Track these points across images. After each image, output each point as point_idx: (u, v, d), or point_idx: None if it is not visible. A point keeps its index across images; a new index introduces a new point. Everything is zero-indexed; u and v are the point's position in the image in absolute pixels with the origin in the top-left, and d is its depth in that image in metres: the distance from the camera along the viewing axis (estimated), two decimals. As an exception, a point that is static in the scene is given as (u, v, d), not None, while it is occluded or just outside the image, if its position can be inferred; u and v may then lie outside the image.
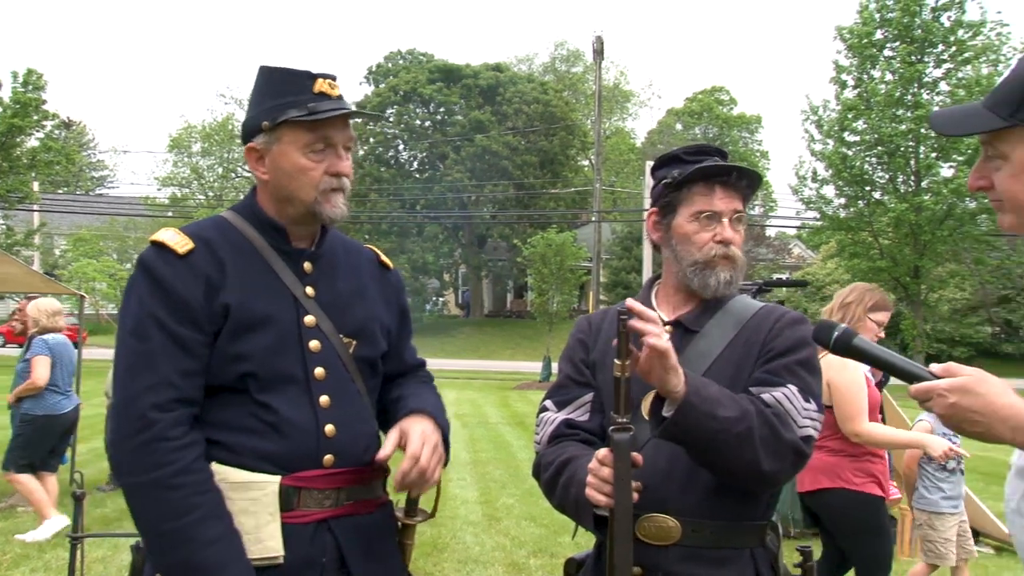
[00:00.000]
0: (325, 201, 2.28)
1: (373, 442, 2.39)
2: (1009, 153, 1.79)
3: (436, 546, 7.37)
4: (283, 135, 2.25)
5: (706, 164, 2.30)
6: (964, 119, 1.91)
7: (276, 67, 2.32)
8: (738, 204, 2.32)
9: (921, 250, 26.92)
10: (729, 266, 2.30)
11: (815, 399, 2.18)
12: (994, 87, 1.84)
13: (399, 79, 46.91)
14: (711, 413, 2.00)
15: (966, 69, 27.10)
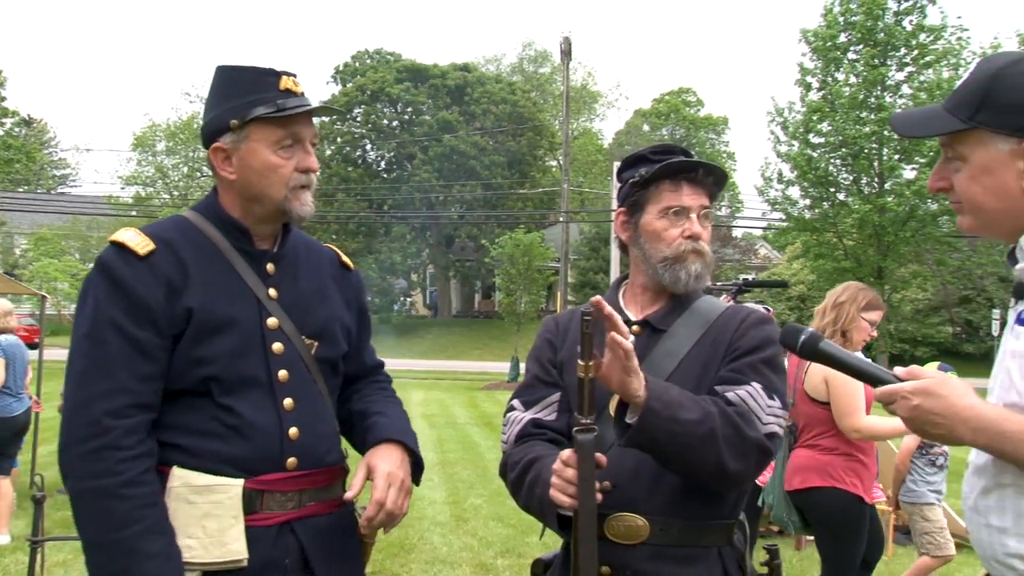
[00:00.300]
0: (295, 199, 2.26)
1: (335, 443, 2.39)
2: (968, 155, 1.83)
3: (403, 547, 7.34)
4: (252, 133, 2.23)
5: (673, 160, 2.32)
6: (924, 121, 1.96)
7: (238, 66, 2.30)
8: (705, 200, 2.34)
9: (884, 251, 27.27)
10: (699, 260, 2.31)
11: (779, 396, 2.20)
12: (954, 90, 1.89)
13: (366, 79, 46.71)
14: (673, 417, 2.01)
15: (927, 72, 27.53)
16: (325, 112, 2.41)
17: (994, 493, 1.79)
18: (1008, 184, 1.78)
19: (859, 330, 4.64)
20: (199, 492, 2.13)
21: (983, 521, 1.82)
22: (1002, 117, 1.76)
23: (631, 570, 2.15)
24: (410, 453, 2.39)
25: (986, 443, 1.72)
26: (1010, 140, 1.76)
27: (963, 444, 1.79)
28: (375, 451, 2.35)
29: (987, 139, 1.79)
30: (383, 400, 2.56)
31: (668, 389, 2.07)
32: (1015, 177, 1.77)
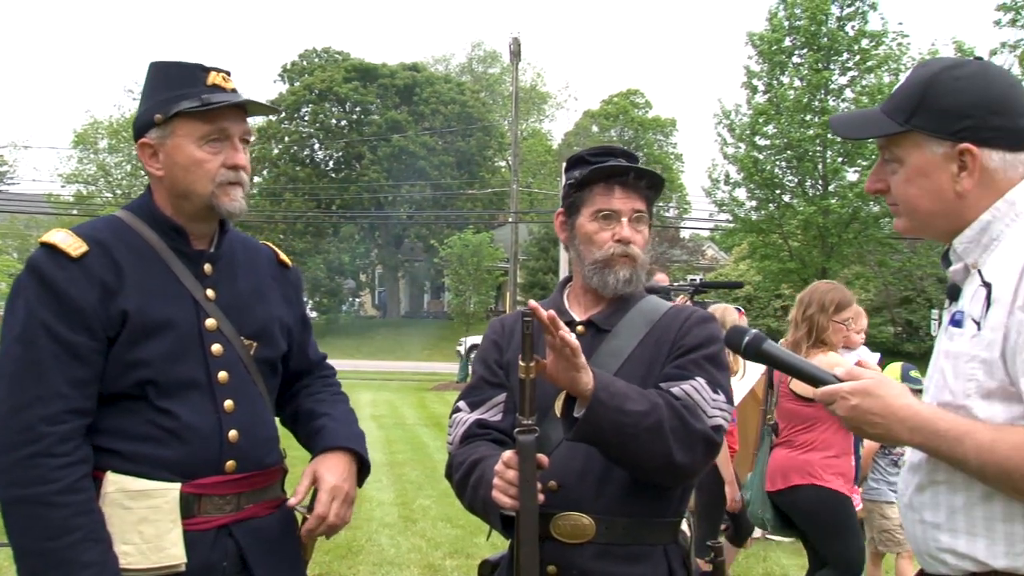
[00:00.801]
0: (223, 194, 2.22)
1: (274, 445, 2.36)
2: (904, 157, 1.86)
3: (351, 549, 7.25)
4: (177, 128, 2.20)
5: (604, 164, 2.32)
6: (863, 123, 2.01)
7: (168, 61, 2.28)
8: (638, 204, 2.33)
9: (828, 252, 27.72)
10: (628, 265, 2.31)
11: (723, 391, 2.22)
12: (891, 93, 1.93)
13: (314, 78, 46.37)
14: (620, 408, 2.02)
15: (869, 77, 28.05)
16: (258, 109, 2.36)
17: (928, 490, 1.83)
18: (942, 186, 1.82)
19: (836, 333, 4.62)
20: (135, 497, 2.10)
21: (917, 517, 1.86)
22: (937, 121, 1.80)
23: (577, 569, 2.16)
24: (357, 457, 2.38)
25: (921, 442, 1.76)
26: (944, 143, 1.80)
27: (900, 443, 1.86)
28: (322, 459, 2.34)
29: (922, 142, 1.82)
30: (330, 399, 2.54)
31: (615, 381, 2.08)
32: (949, 180, 1.81)
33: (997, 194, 1.80)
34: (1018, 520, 1.70)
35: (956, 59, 1.89)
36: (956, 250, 1.86)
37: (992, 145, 1.79)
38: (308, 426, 2.46)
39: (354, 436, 2.42)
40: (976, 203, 1.81)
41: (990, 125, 1.78)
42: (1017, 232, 1.77)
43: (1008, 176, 1.80)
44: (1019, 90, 1.84)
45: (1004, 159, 1.80)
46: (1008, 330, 1.68)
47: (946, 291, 1.94)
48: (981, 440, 1.67)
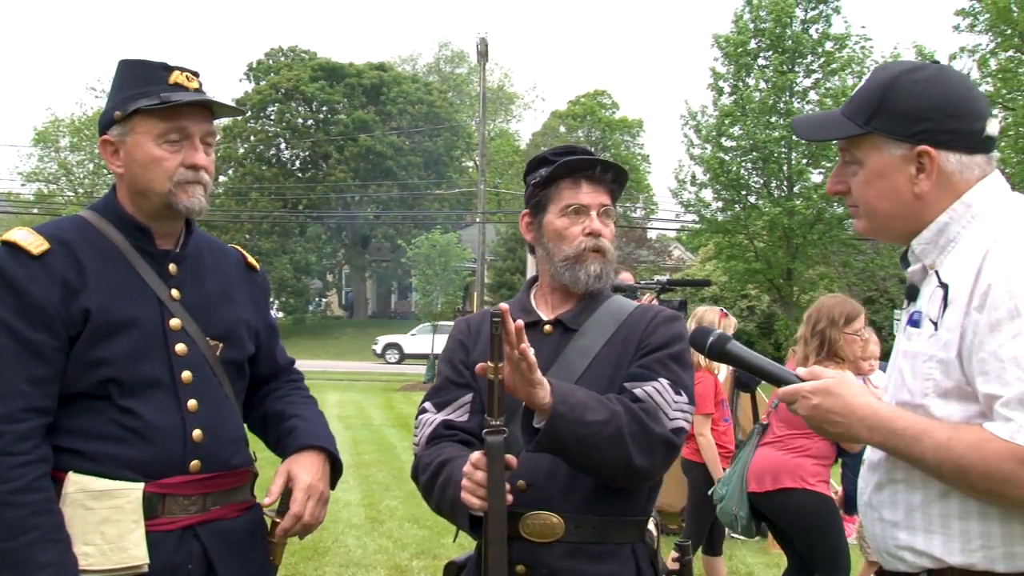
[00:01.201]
0: (181, 192, 2.21)
1: (241, 446, 2.36)
2: (864, 159, 1.89)
3: (317, 550, 7.22)
4: (136, 125, 2.20)
5: (570, 159, 2.34)
6: (823, 125, 2.04)
7: (134, 59, 2.28)
8: (605, 198, 2.36)
9: (793, 253, 27.96)
10: (599, 259, 2.33)
11: (686, 392, 2.23)
12: (851, 96, 1.96)
13: (280, 76, 46.05)
14: (580, 419, 2.03)
15: (834, 79, 28.33)
16: (223, 110, 2.36)
17: (887, 488, 1.86)
18: (901, 188, 1.84)
19: (849, 345, 4.55)
20: (97, 497, 2.08)
21: (876, 515, 1.89)
22: (895, 123, 1.82)
23: (546, 568, 2.16)
24: (330, 458, 2.39)
25: (880, 440, 1.79)
26: (903, 146, 1.83)
27: (859, 442, 1.88)
28: (296, 459, 2.34)
29: (882, 144, 1.85)
30: (300, 401, 2.54)
31: (573, 392, 2.08)
32: (907, 181, 1.84)
33: (954, 196, 1.83)
34: (973, 517, 1.72)
35: (914, 63, 1.91)
36: (914, 251, 1.89)
37: (949, 147, 1.81)
38: (279, 427, 2.45)
39: (327, 437, 2.43)
40: (934, 205, 1.83)
41: (947, 128, 1.81)
42: (973, 234, 1.79)
43: (964, 178, 1.83)
44: (975, 94, 1.87)
45: (961, 161, 1.82)
46: (964, 330, 1.71)
47: (904, 292, 1.96)
48: (938, 438, 1.69)
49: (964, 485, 1.70)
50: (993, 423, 1.64)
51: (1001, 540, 1.71)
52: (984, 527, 1.72)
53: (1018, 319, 1.63)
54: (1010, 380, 1.62)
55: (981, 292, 1.69)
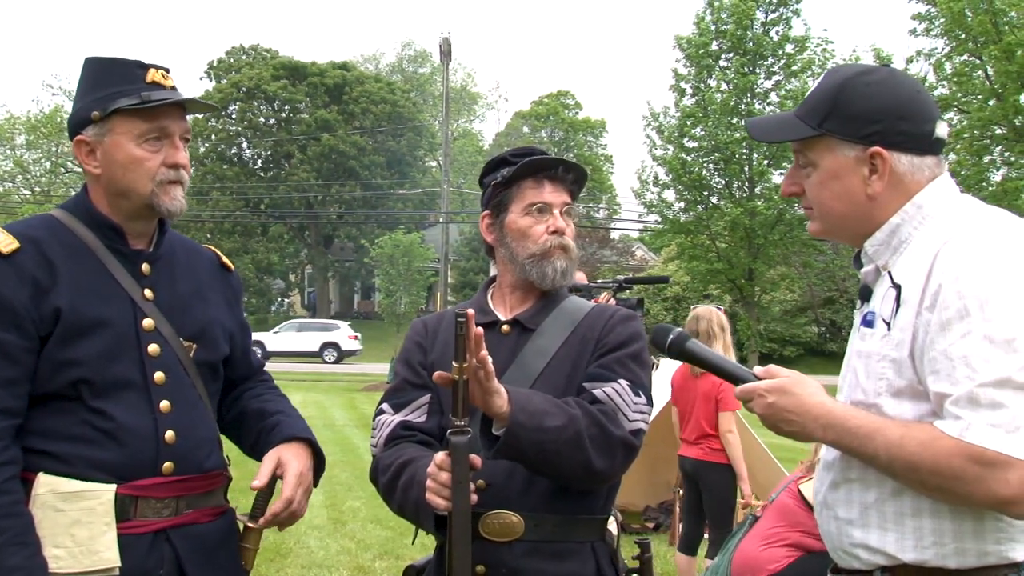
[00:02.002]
0: (163, 193, 2.19)
1: (215, 449, 2.33)
2: (817, 161, 1.91)
3: (279, 551, 7.19)
4: (116, 125, 2.17)
5: (534, 158, 2.36)
6: (778, 127, 2.05)
7: (105, 57, 2.24)
8: (566, 197, 2.38)
9: (755, 253, 28.21)
10: (564, 256, 2.34)
11: (645, 392, 2.25)
12: (805, 98, 1.98)
13: (242, 75, 45.63)
14: (539, 426, 2.04)
15: (794, 81, 28.63)
16: (196, 107, 2.34)
17: (842, 487, 1.89)
18: (854, 190, 1.87)
19: None
20: (67, 499, 2.06)
21: (832, 514, 1.91)
22: (848, 125, 1.85)
23: (506, 568, 2.16)
24: (314, 454, 2.38)
25: (834, 439, 1.80)
26: (856, 147, 1.85)
27: (814, 440, 1.89)
28: (286, 447, 2.33)
29: (835, 146, 1.87)
30: (278, 399, 2.53)
31: (531, 398, 2.08)
32: (860, 182, 1.86)
33: (906, 197, 1.86)
34: (925, 515, 1.75)
35: (865, 66, 1.94)
36: (867, 252, 1.91)
37: (901, 149, 1.84)
38: (260, 424, 2.42)
39: (309, 431, 2.42)
40: (886, 206, 1.86)
41: (898, 130, 1.83)
42: (924, 235, 1.82)
43: (916, 179, 1.86)
44: (924, 96, 1.90)
45: (912, 163, 1.85)
46: (916, 330, 1.73)
47: (859, 292, 1.99)
48: (890, 437, 1.71)
49: (915, 482, 1.72)
50: (943, 421, 1.67)
51: (952, 536, 1.73)
52: (936, 524, 1.74)
53: (967, 319, 1.65)
54: (959, 379, 1.64)
55: (932, 292, 1.71)
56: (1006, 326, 1.63)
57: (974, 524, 1.72)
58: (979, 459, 1.61)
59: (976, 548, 1.73)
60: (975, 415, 1.62)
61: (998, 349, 1.62)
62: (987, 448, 1.60)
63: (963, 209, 1.85)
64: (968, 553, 1.73)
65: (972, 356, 1.64)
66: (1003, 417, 1.60)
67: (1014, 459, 1.59)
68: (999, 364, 1.62)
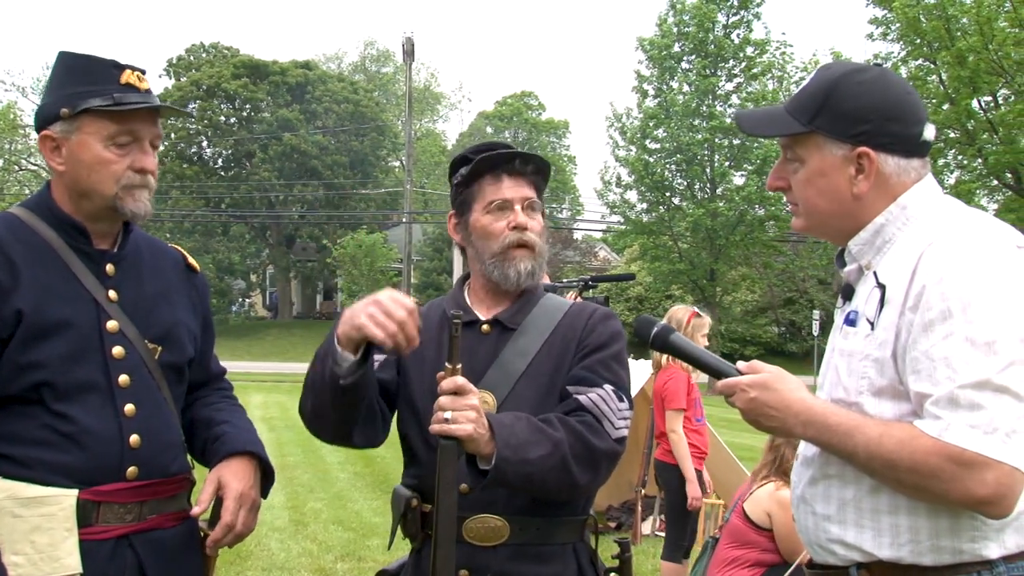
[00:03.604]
0: (127, 196, 2.15)
1: (179, 453, 2.29)
2: (805, 158, 1.91)
3: (239, 554, 7.05)
4: (84, 124, 2.12)
5: (487, 154, 2.30)
6: (768, 122, 2.04)
7: (80, 53, 2.19)
8: (528, 192, 2.31)
9: (716, 254, 28.48)
10: (528, 256, 2.28)
11: (627, 396, 2.23)
12: (796, 92, 1.97)
13: (202, 73, 45.10)
14: (524, 459, 2.01)
15: (755, 84, 28.94)
16: (170, 112, 2.31)
17: (820, 483, 1.89)
18: (840, 188, 1.87)
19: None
20: (27, 504, 2.01)
21: (810, 509, 1.92)
22: (837, 124, 1.85)
23: (491, 572, 2.14)
24: (260, 464, 2.32)
25: (814, 435, 1.81)
26: (843, 146, 1.86)
27: (794, 437, 1.89)
28: (226, 466, 2.26)
29: (823, 143, 1.87)
30: (229, 408, 2.46)
31: (514, 430, 2.03)
32: (846, 181, 1.86)
33: (890, 198, 1.86)
34: (902, 512, 1.76)
35: (858, 64, 1.93)
36: (851, 251, 1.92)
37: (888, 150, 1.85)
38: (206, 433, 2.36)
39: (257, 443, 2.35)
40: (871, 206, 1.87)
41: (886, 131, 1.84)
42: (908, 236, 1.83)
43: (901, 180, 1.86)
44: (914, 98, 1.91)
45: (898, 164, 1.86)
46: (899, 330, 1.74)
47: (840, 291, 1.99)
48: (869, 435, 1.72)
49: (893, 480, 1.73)
50: (923, 421, 1.67)
51: (928, 534, 1.74)
52: (912, 521, 1.75)
53: (950, 320, 1.66)
54: (940, 379, 1.65)
55: (915, 293, 1.72)
56: (987, 329, 1.64)
57: (950, 522, 1.73)
58: (957, 459, 1.62)
59: (951, 546, 1.74)
60: (954, 415, 1.63)
61: (979, 351, 1.64)
62: (965, 448, 1.61)
63: (947, 211, 1.85)
64: (943, 551, 1.74)
65: (953, 357, 1.65)
66: (981, 418, 1.62)
67: (991, 460, 1.60)
68: (979, 366, 1.63)
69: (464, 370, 2.00)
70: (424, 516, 2.17)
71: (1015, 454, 1.61)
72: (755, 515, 4.40)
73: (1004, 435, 1.61)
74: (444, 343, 2.04)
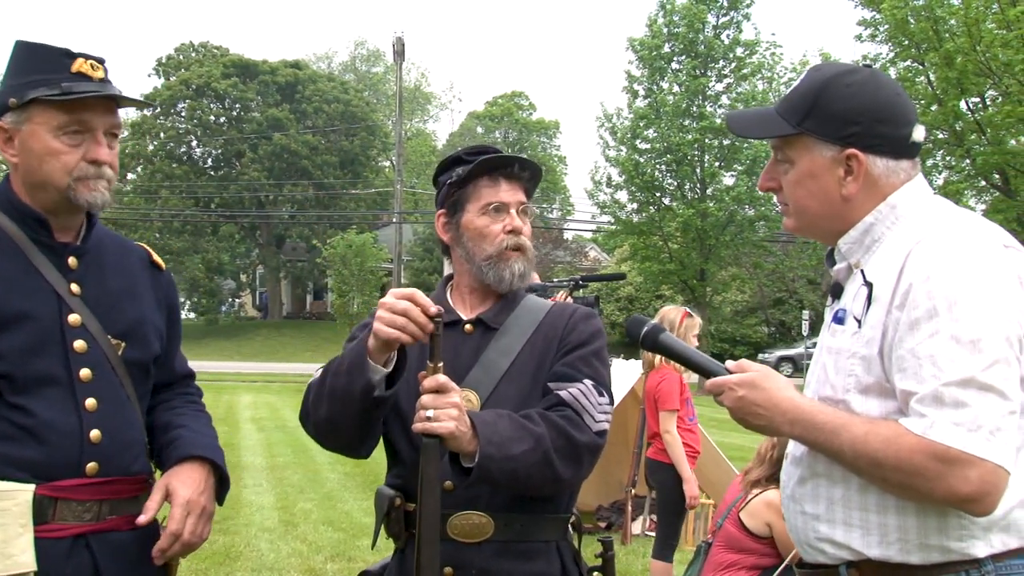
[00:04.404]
0: (81, 187, 2.10)
1: (142, 452, 2.24)
2: (795, 159, 1.93)
3: (229, 555, 7.07)
4: (34, 115, 2.08)
5: (490, 156, 2.33)
6: (758, 123, 2.06)
7: (34, 42, 2.15)
8: (522, 196, 2.36)
9: (707, 254, 28.49)
10: (522, 258, 2.32)
11: (607, 391, 2.25)
12: (786, 94, 1.98)
13: (191, 72, 44.96)
14: (508, 455, 2.02)
15: (744, 84, 28.95)
16: (127, 102, 2.23)
17: (809, 482, 1.90)
18: (830, 189, 1.89)
19: None
20: None
21: (799, 508, 1.93)
22: (827, 125, 1.87)
23: (476, 569, 2.15)
24: (216, 470, 2.26)
25: (801, 434, 1.82)
26: (833, 148, 1.87)
27: (781, 435, 1.91)
28: (176, 471, 2.20)
29: (813, 145, 1.89)
30: (191, 413, 2.39)
31: (496, 427, 2.05)
32: (836, 183, 1.88)
33: (880, 198, 1.88)
34: (891, 512, 1.77)
35: (848, 66, 1.95)
36: (840, 250, 1.93)
37: (877, 152, 1.86)
38: (162, 438, 2.29)
39: (212, 447, 2.28)
40: (860, 206, 1.88)
41: (876, 133, 1.85)
42: (897, 235, 1.84)
43: (890, 182, 1.88)
44: (903, 99, 1.92)
45: (887, 166, 1.87)
46: (886, 328, 1.75)
47: (829, 290, 2.01)
48: (856, 433, 1.73)
49: (879, 479, 1.74)
50: (908, 419, 1.68)
51: (916, 533, 1.75)
52: (901, 520, 1.76)
53: (936, 318, 1.67)
54: (926, 377, 1.66)
55: (903, 291, 1.73)
56: (973, 327, 1.65)
57: (938, 521, 1.74)
58: (942, 457, 1.63)
59: (939, 545, 1.75)
60: (939, 413, 1.64)
61: (964, 349, 1.65)
62: (950, 446, 1.62)
63: (935, 210, 1.87)
64: (932, 550, 1.75)
65: (939, 355, 1.66)
66: (966, 416, 1.63)
67: (975, 457, 1.61)
68: (964, 364, 1.64)
69: (447, 370, 2.02)
70: (408, 515, 2.18)
71: (999, 452, 1.62)
72: (754, 526, 4.40)
73: (988, 433, 1.62)
74: (427, 342, 2.03)
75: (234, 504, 8.84)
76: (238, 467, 11.21)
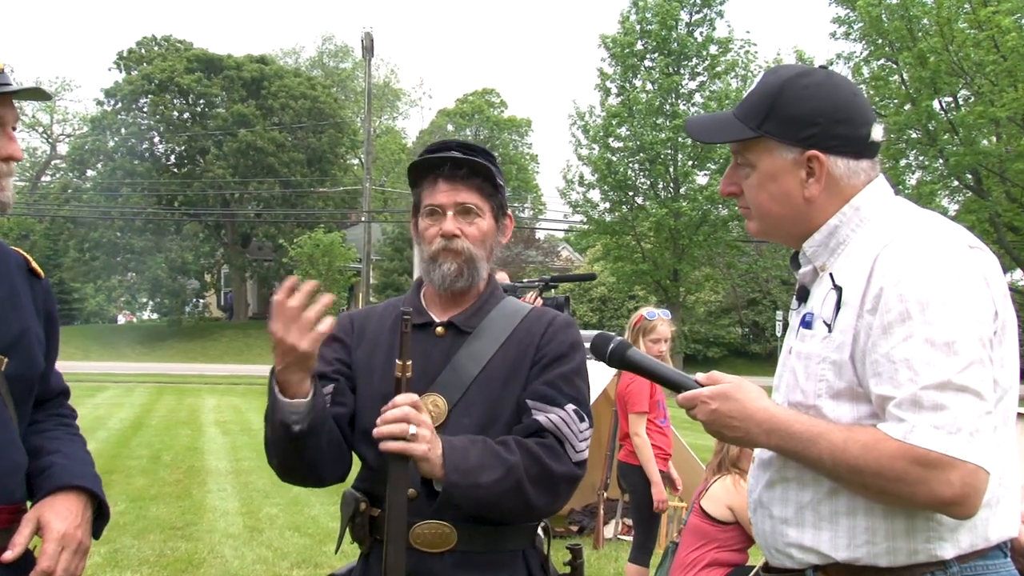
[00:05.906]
0: None
1: (23, 479, 2.07)
2: (756, 162, 1.93)
3: (191, 562, 6.89)
4: None
5: (417, 159, 2.31)
6: (717, 128, 2.07)
7: None
8: (464, 196, 2.27)
9: (680, 254, 28.49)
10: (454, 259, 2.26)
11: (588, 415, 2.23)
12: (743, 98, 1.99)
13: (154, 67, 44.25)
14: (475, 483, 2.02)
15: (718, 82, 28.99)
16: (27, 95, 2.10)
17: (778, 487, 1.90)
18: (791, 191, 1.90)
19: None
20: None
21: (767, 513, 1.93)
22: (786, 128, 1.88)
23: None
24: (92, 499, 2.11)
25: (777, 444, 1.81)
26: (793, 150, 1.88)
27: (758, 446, 1.88)
28: (50, 502, 2.04)
29: (773, 148, 1.90)
30: (66, 437, 2.24)
31: (466, 455, 2.04)
32: (798, 185, 1.89)
33: (842, 200, 1.89)
34: (860, 513, 1.78)
35: (804, 67, 1.96)
36: (805, 253, 1.94)
37: (837, 152, 1.87)
38: (33, 465, 2.11)
39: (90, 475, 2.14)
40: (823, 208, 1.90)
41: (835, 133, 1.87)
42: (863, 237, 1.85)
43: (852, 183, 1.89)
44: (861, 99, 1.93)
45: (848, 166, 1.89)
46: (857, 333, 1.76)
47: (795, 293, 2.01)
48: (834, 441, 1.73)
49: (859, 486, 1.74)
50: (886, 424, 1.68)
51: (884, 535, 1.76)
52: (869, 522, 1.77)
53: (909, 322, 1.68)
54: (902, 381, 1.67)
55: (873, 295, 1.74)
56: (946, 329, 1.66)
57: (906, 523, 1.75)
58: (922, 461, 1.63)
59: (907, 547, 1.76)
60: (918, 417, 1.64)
61: (939, 352, 1.66)
62: (930, 449, 1.62)
63: (900, 212, 1.88)
64: (899, 552, 1.76)
65: (914, 359, 1.66)
66: (945, 419, 1.63)
67: (956, 460, 1.62)
68: (940, 367, 1.65)
69: (417, 372, 2.03)
70: (372, 520, 2.20)
71: (979, 453, 1.63)
72: (715, 511, 4.56)
73: (968, 435, 1.63)
74: (396, 345, 2.02)
75: (197, 510, 8.84)
76: (202, 471, 11.12)
